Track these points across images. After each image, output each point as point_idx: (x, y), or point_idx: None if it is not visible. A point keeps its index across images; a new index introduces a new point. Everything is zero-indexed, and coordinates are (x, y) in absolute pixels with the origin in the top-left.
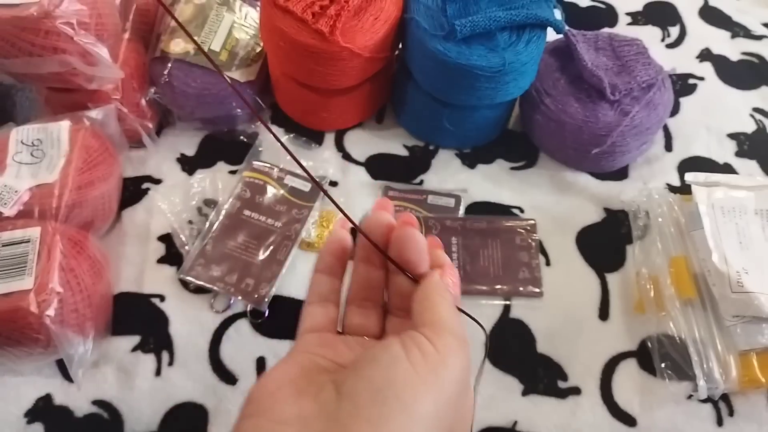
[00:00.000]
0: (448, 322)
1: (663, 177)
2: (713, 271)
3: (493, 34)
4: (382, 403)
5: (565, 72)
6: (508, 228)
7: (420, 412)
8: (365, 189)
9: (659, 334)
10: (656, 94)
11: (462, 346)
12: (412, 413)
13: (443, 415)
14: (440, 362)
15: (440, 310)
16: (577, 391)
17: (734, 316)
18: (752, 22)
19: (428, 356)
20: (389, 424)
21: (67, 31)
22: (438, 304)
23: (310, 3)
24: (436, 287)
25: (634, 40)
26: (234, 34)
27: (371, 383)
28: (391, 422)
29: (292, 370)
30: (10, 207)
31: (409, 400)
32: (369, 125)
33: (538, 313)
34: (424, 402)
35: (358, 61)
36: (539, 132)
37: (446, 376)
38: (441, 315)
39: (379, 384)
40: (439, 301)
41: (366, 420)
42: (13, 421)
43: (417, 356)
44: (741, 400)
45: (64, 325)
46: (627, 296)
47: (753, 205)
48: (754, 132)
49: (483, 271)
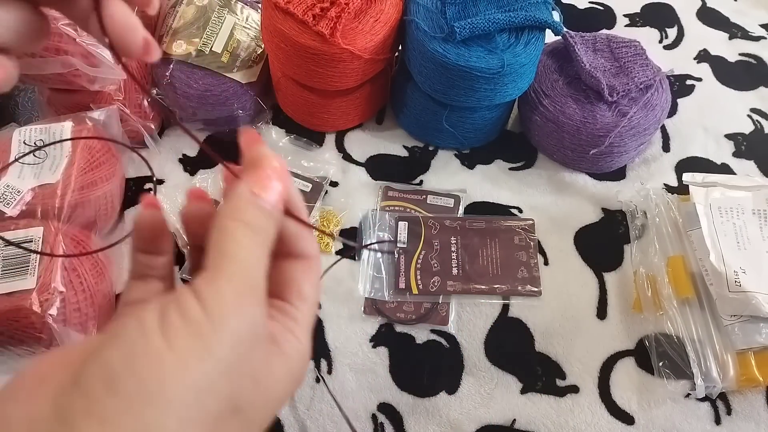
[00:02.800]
0: (234, 260)
1: (661, 177)
2: (711, 270)
3: (492, 35)
4: (118, 394)
5: (564, 73)
6: (506, 228)
7: (174, 399)
8: (365, 189)
9: (657, 333)
10: (654, 95)
11: (252, 291)
12: (161, 402)
13: (217, 394)
14: (208, 326)
15: (228, 242)
16: (575, 390)
17: (732, 315)
18: (750, 23)
19: (190, 321)
20: (128, 421)
21: (69, 33)
22: (230, 231)
23: (311, 5)
24: (235, 208)
25: (632, 42)
26: (235, 36)
27: (107, 368)
28: (131, 417)
29: (74, 352)
30: (13, 207)
31: (155, 385)
32: (369, 126)
33: (536, 312)
34: (179, 384)
35: (359, 63)
36: (538, 133)
37: (217, 341)
38: (227, 250)
39: (117, 368)
40: (233, 228)
41: (98, 418)
42: None
43: (174, 323)
44: (739, 399)
45: (66, 324)
46: (625, 295)
47: (750, 205)
48: (751, 132)
49: (482, 271)
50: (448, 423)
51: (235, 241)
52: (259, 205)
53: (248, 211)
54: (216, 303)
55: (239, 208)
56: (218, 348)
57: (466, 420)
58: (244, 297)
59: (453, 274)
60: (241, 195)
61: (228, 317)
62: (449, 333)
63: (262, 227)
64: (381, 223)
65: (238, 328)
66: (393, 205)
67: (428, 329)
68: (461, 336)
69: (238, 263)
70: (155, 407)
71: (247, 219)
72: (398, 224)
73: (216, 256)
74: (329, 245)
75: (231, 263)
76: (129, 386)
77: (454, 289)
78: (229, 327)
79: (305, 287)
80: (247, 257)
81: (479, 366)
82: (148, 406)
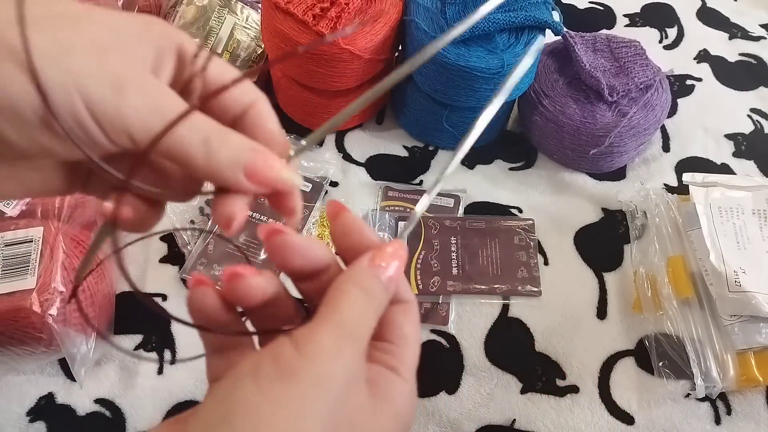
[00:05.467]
0: (343, 313)
1: (660, 177)
2: (711, 270)
3: (492, 35)
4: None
5: (564, 73)
6: (506, 228)
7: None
8: (365, 189)
9: (657, 333)
10: (654, 95)
11: (353, 340)
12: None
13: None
14: (299, 365)
15: (342, 300)
16: (575, 390)
17: (732, 315)
18: (750, 23)
19: (282, 364)
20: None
21: None
22: (347, 292)
23: (311, 5)
24: (355, 274)
25: (632, 42)
26: (236, 36)
27: (205, 423)
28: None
29: (184, 415)
30: (13, 207)
31: (250, 429)
32: (369, 126)
33: (536, 312)
34: (272, 425)
35: (359, 63)
36: (537, 133)
37: (309, 382)
38: (338, 305)
39: (214, 422)
40: (350, 290)
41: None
42: (15, 419)
43: (267, 370)
44: (739, 399)
45: (66, 324)
46: (625, 295)
47: (750, 205)
48: (751, 132)
49: (482, 271)
50: (448, 423)
51: (350, 299)
52: (378, 276)
53: (367, 278)
54: (312, 346)
55: (359, 275)
56: (311, 390)
57: (466, 420)
58: (344, 344)
59: (453, 274)
60: (362, 265)
61: (322, 358)
62: (449, 333)
63: (376, 294)
64: (381, 223)
65: (332, 371)
66: (393, 205)
67: (428, 329)
68: (461, 336)
69: (346, 316)
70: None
71: (365, 285)
72: (398, 224)
73: (325, 310)
74: (329, 245)
75: (338, 315)
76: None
77: (454, 289)
78: (322, 367)
79: (406, 328)
80: (357, 314)
81: (479, 366)
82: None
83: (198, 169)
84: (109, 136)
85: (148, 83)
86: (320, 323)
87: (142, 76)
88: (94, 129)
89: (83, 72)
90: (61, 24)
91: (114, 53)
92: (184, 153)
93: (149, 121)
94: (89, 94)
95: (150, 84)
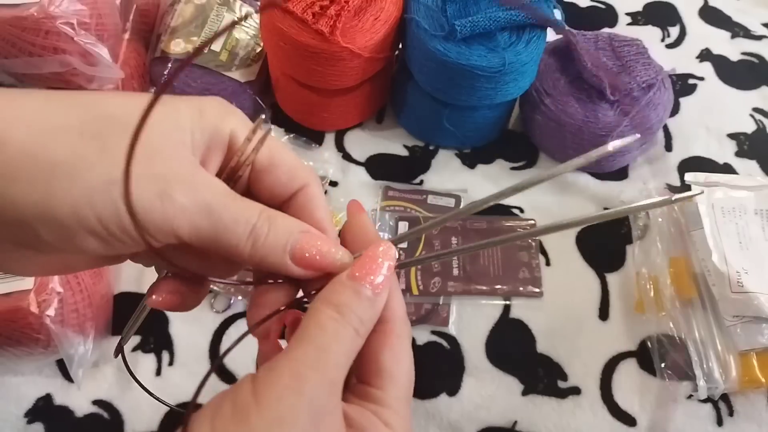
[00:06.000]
0: (311, 344)
1: (663, 177)
2: (713, 271)
3: (493, 34)
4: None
5: (565, 72)
6: (508, 228)
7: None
8: (365, 189)
9: (659, 334)
10: (656, 94)
11: (311, 373)
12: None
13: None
14: (253, 409)
15: (310, 326)
16: (577, 391)
17: (734, 316)
18: (752, 22)
19: (238, 406)
20: None
21: (67, 32)
22: (316, 314)
23: (310, 3)
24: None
25: (634, 41)
26: (234, 35)
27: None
28: None
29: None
30: None
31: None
32: (369, 125)
33: (538, 313)
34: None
35: (358, 62)
36: (539, 132)
37: (261, 426)
38: (307, 335)
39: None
40: (320, 311)
41: None
42: (13, 420)
43: (225, 409)
44: (741, 400)
45: (64, 324)
46: (627, 296)
47: (753, 205)
48: (754, 132)
49: (483, 271)
50: (449, 425)
51: (318, 325)
52: (357, 289)
53: (342, 294)
54: (267, 387)
55: (333, 291)
56: (259, 428)
57: (466, 422)
58: (303, 381)
59: (454, 275)
60: (340, 280)
61: (277, 401)
62: (450, 334)
63: (354, 311)
64: (381, 223)
65: (288, 414)
66: (393, 205)
67: (429, 330)
68: (462, 337)
69: (312, 347)
70: None
71: (339, 301)
72: (398, 224)
73: (294, 341)
74: None
75: (303, 345)
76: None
77: (454, 290)
78: (277, 411)
79: (389, 363)
80: (327, 343)
81: (480, 367)
82: None
83: (244, 257)
84: (155, 237)
85: (196, 180)
86: (280, 358)
87: (190, 172)
88: (137, 233)
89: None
90: (110, 135)
91: (162, 154)
92: (230, 243)
93: (196, 222)
94: (135, 201)
95: (198, 181)
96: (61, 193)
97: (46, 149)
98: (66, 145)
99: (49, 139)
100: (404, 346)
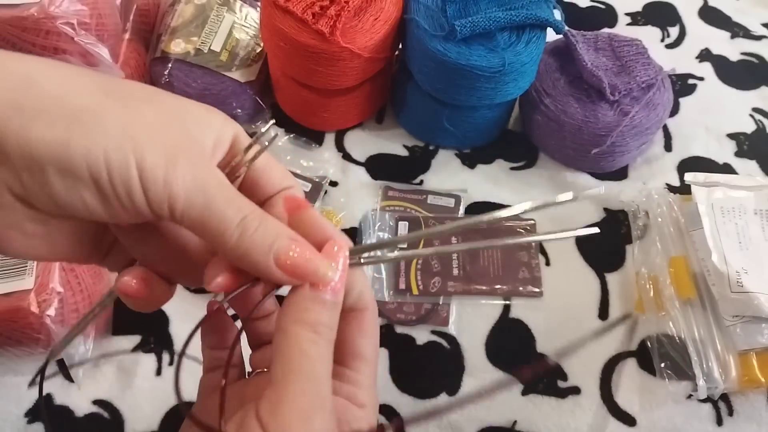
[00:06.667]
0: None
1: (662, 177)
2: (713, 271)
3: (493, 34)
4: None
5: (565, 72)
6: (507, 228)
7: None
8: (365, 189)
9: (659, 334)
10: (656, 94)
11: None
12: None
13: None
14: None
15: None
16: (576, 391)
17: (734, 316)
18: (752, 22)
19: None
20: None
21: (67, 32)
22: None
23: (311, 3)
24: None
25: (634, 41)
26: (234, 35)
27: None
28: None
29: None
30: None
31: None
32: (369, 125)
33: (537, 313)
34: None
35: (358, 62)
36: (539, 132)
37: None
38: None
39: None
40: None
41: None
42: (13, 420)
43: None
44: (741, 400)
45: (64, 324)
46: (627, 296)
47: (752, 205)
48: (753, 132)
49: (483, 271)
50: (449, 424)
51: (301, 351)
52: (322, 300)
53: (313, 311)
54: (279, 426)
55: (304, 309)
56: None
57: (466, 421)
58: (312, 418)
59: (454, 275)
60: (304, 294)
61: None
62: (450, 334)
63: (325, 324)
64: (381, 223)
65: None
66: (393, 205)
67: (428, 330)
68: (462, 337)
69: (305, 379)
70: None
71: (313, 320)
72: (398, 224)
73: (281, 371)
74: None
75: (298, 379)
76: None
77: (454, 290)
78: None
79: (362, 346)
80: (315, 369)
81: (480, 367)
82: None
83: (228, 247)
84: (150, 203)
85: (200, 161)
86: (282, 394)
87: (197, 153)
88: (138, 193)
89: (142, 139)
90: (131, 101)
91: (174, 129)
92: (218, 227)
93: (192, 197)
94: (144, 159)
95: (202, 162)
96: (79, 136)
97: (73, 95)
98: (92, 97)
99: (77, 88)
100: (376, 328)
